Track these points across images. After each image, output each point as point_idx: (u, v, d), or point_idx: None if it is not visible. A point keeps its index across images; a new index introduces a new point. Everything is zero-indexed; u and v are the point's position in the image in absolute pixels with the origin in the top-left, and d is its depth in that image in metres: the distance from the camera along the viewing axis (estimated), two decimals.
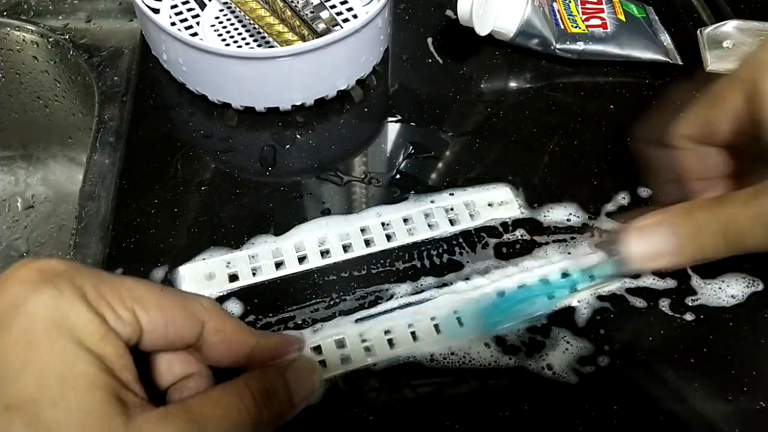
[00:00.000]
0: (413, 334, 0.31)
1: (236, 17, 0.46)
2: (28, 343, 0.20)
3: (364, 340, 0.31)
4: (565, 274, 0.33)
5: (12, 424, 0.19)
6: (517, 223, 0.36)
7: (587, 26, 0.44)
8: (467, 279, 0.33)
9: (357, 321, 0.32)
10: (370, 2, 0.45)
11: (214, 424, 0.22)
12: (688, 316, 0.32)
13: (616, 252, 0.30)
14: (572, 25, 0.44)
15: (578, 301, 0.32)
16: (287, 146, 0.39)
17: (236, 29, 0.45)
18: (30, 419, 0.20)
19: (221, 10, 0.46)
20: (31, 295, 0.21)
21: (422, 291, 0.33)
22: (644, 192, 0.37)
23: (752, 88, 0.27)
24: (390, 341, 0.31)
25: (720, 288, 0.33)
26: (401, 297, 0.33)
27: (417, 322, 0.32)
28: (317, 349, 0.31)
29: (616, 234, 0.30)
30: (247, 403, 0.23)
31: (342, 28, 0.41)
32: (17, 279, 0.21)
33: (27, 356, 0.20)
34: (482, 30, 0.41)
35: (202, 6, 0.46)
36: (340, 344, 0.31)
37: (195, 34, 0.44)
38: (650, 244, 0.29)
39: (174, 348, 0.24)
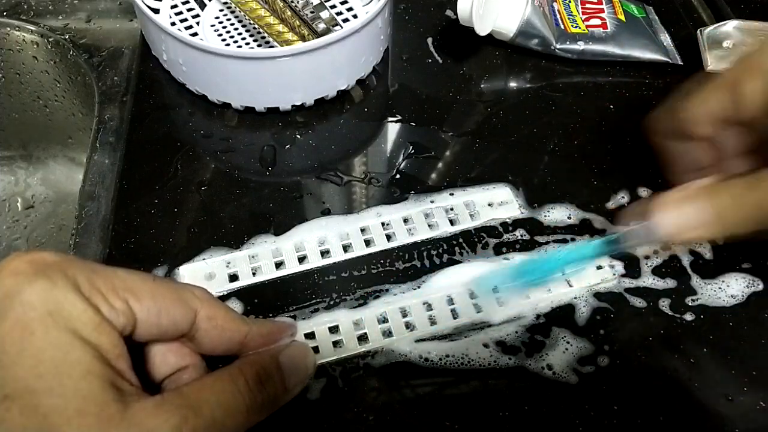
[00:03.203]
0: (407, 324, 0.32)
1: (236, 17, 0.46)
2: (23, 332, 0.20)
3: (358, 327, 0.31)
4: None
5: (9, 412, 0.20)
6: (517, 223, 0.36)
7: (587, 26, 0.44)
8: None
9: (351, 308, 0.32)
10: (370, 2, 0.45)
11: (208, 409, 0.22)
12: (688, 316, 0.32)
13: (648, 220, 0.29)
14: (572, 25, 0.44)
15: (575, 297, 0.32)
16: (287, 146, 0.39)
17: (236, 29, 0.45)
18: (27, 407, 0.20)
19: (221, 10, 0.46)
20: (24, 285, 0.21)
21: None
22: (644, 192, 0.37)
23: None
24: (385, 331, 0.31)
25: (720, 288, 0.33)
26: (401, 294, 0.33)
27: (411, 308, 0.32)
28: (311, 335, 0.31)
29: (650, 202, 0.30)
30: (241, 388, 0.24)
31: (342, 28, 0.41)
32: (10, 270, 0.21)
33: (22, 345, 0.20)
34: (482, 30, 0.41)
35: (202, 6, 0.46)
36: (334, 330, 0.31)
37: (195, 34, 0.44)
38: (684, 215, 0.28)
39: (168, 337, 0.24)
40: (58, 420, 0.20)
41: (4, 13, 0.49)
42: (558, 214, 0.36)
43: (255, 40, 0.44)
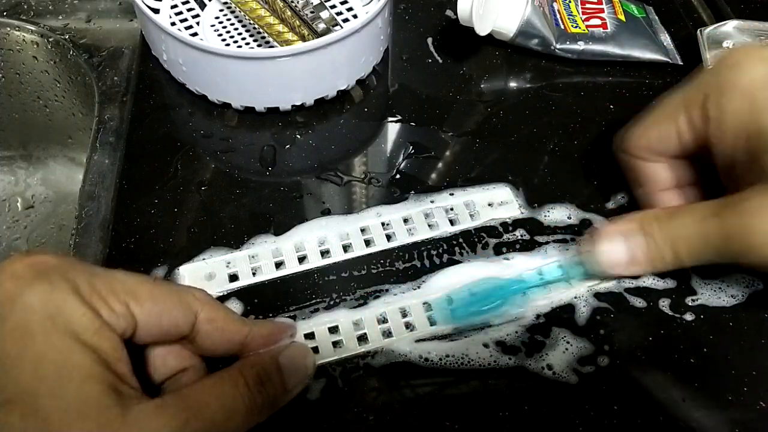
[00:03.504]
0: (407, 324, 0.31)
1: (236, 17, 0.46)
2: (24, 336, 0.20)
3: (357, 327, 0.31)
4: (539, 273, 0.33)
5: (10, 415, 0.20)
6: (517, 223, 0.36)
7: (587, 26, 0.44)
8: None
9: (351, 309, 0.32)
10: (370, 2, 0.45)
11: (209, 411, 0.22)
12: (688, 316, 0.32)
13: (587, 254, 0.31)
14: (572, 25, 0.44)
15: (575, 297, 0.32)
16: (287, 146, 0.39)
17: (236, 29, 0.45)
18: (27, 411, 0.20)
19: (221, 10, 0.46)
20: (25, 289, 0.21)
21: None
22: None
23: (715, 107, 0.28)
24: (384, 331, 0.31)
25: (720, 288, 0.33)
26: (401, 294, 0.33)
27: (411, 308, 0.32)
28: (311, 335, 0.31)
29: (590, 236, 0.31)
30: (241, 389, 0.24)
31: (342, 28, 0.41)
32: (10, 273, 0.21)
33: (22, 348, 0.20)
34: (482, 30, 0.41)
35: (202, 6, 0.46)
36: (334, 331, 0.31)
37: (195, 34, 0.44)
38: (620, 249, 0.30)
39: (168, 339, 0.24)
40: (58, 424, 0.20)
41: (4, 13, 0.49)
42: (558, 214, 0.36)
43: (255, 40, 0.44)
